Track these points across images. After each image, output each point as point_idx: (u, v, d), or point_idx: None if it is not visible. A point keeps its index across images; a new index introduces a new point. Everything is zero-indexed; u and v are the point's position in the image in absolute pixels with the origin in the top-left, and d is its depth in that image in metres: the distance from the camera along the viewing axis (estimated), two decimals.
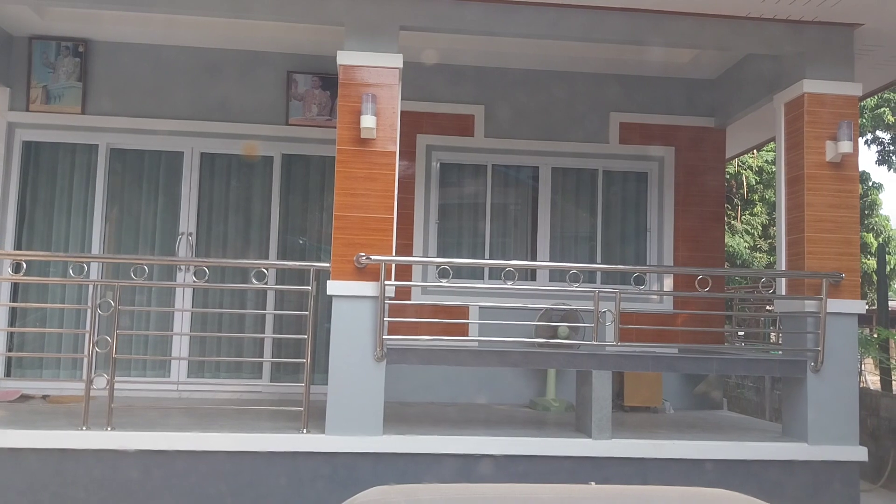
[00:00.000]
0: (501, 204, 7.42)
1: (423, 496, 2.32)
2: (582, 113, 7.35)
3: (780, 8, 5.22)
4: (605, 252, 7.41)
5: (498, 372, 6.83)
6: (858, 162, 5.50)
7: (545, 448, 5.00)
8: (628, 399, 6.83)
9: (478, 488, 2.61)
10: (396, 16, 5.09)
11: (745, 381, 10.03)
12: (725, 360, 5.68)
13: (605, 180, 7.45)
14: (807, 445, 5.19)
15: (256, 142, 6.95)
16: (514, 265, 5.14)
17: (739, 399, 10.13)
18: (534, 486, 2.53)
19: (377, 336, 4.82)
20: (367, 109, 4.85)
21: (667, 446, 5.12)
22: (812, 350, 5.21)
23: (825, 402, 5.20)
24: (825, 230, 5.30)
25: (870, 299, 20.98)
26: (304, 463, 4.79)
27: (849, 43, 5.46)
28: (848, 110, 5.38)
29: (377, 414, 4.86)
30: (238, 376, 6.89)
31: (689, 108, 7.42)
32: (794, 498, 5.15)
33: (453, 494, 2.40)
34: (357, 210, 4.95)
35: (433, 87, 7.07)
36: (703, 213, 7.42)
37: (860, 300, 5.34)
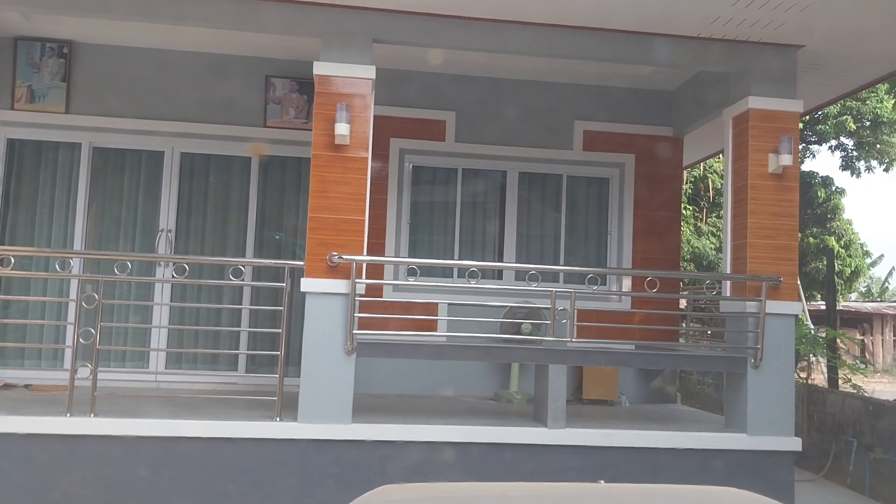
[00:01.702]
0: (471, 206, 7.76)
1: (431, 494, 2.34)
2: (548, 121, 7.71)
3: (727, 29, 5.62)
4: (568, 253, 7.79)
5: (464, 366, 7.18)
6: (798, 173, 5.91)
7: (503, 436, 5.36)
8: (586, 392, 7.23)
9: (486, 487, 2.64)
10: (370, 29, 5.41)
11: (706, 378, 10.49)
12: (673, 356, 6.10)
13: (569, 185, 7.83)
14: (746, 436, 5.60)
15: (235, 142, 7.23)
16: (478, 266, 5.48)
17: (700, 395, 10.59)
18: (543, 485, 2.60)
19: (348, 331, 5.15)
20: (341, 117, 5.17)
21: (617, 436, 5.51)
22: (752, 348, 5.62)
23: (763, 396, 5.61)
24: (766, 237, 5.71)
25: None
26: (277, 449, 5.11)
27: (792, 63, 5.87)
28: (789, 125, 5.79)
29: (347, 403, 5.18)
30: (215, 368, 7.17)
31: (648, 117, 7.81)
32: (734, 484, 5.54)
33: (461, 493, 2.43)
34: (330, 212, 5.26)
35: (407, 93, 7.39)
36: (661, 218, 7.82)
37: (797, 302, 5.75)
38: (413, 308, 6.46)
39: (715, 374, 9.78)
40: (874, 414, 7.57)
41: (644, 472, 5.43)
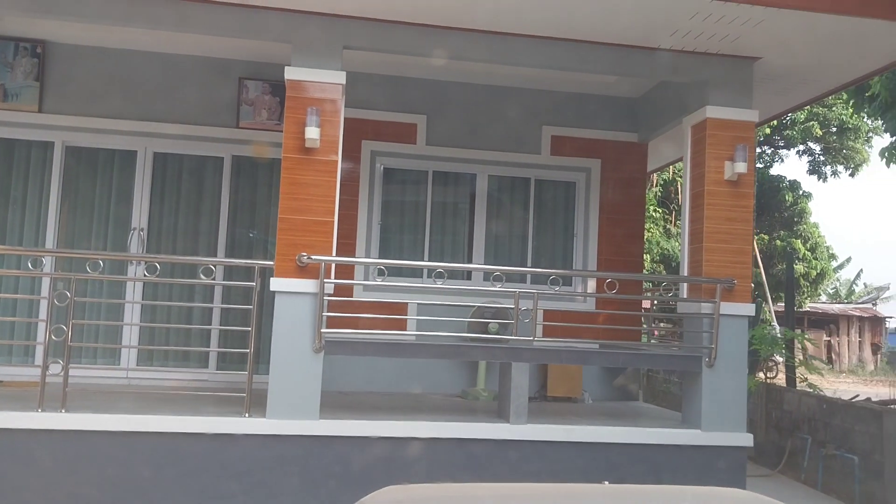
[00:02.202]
0: (441, 207, 7.92)
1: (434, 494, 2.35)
2: (517, 125, 7.90)
3: (686, 41, 5.84)
4: (535, 254, 7.99)
5: (433, 364, 7.34)
6: (753, 180, 6.16)
7: (467, 431, 5.54)
8: (551, 390, 7.44)
9: (489, 487, 2.67)
10: (340, 37, 5.56)
11: (672, 377, 10.76)
12: (632, 355, 6.32)
13: (536, 188, 8.03)
14: (700, 432, 5.83)
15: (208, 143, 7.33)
16: (443, 267, 5.65)
17: (666, 393, 10.85)
18: (546, 485, 2.60)
19: (316, 329, 5.29)
20: (312, 122, 5.31)
21: (577, 431, 5.72)
22: (707, 347, 5.85)
23: (717, 393, 5.84)
24: (721, 241, 5.95)
25: (798, 302, 22.23)
26: (246, 444, 5.24)
27: (748, 74, 6.12)
28: (745, 134, 6.03)
29: (315, 400, 5.33)
30: (185, 365, 7.26)
31: (614, 123, 8.03)
32: (689, 478, 5.78)
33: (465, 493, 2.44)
34: (300, 213, 5.40)
35: (379, 96, 7.53)
36: (625, 221, 8.05)
37: (750, 304, 5.99)
38: (382, 307, 6.62)
39: (680, 372, 10.06)
40: (828, 412, 7.87)
41: (602, 466, 5.64)
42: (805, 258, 19.78)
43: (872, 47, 5.87)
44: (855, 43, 5.75)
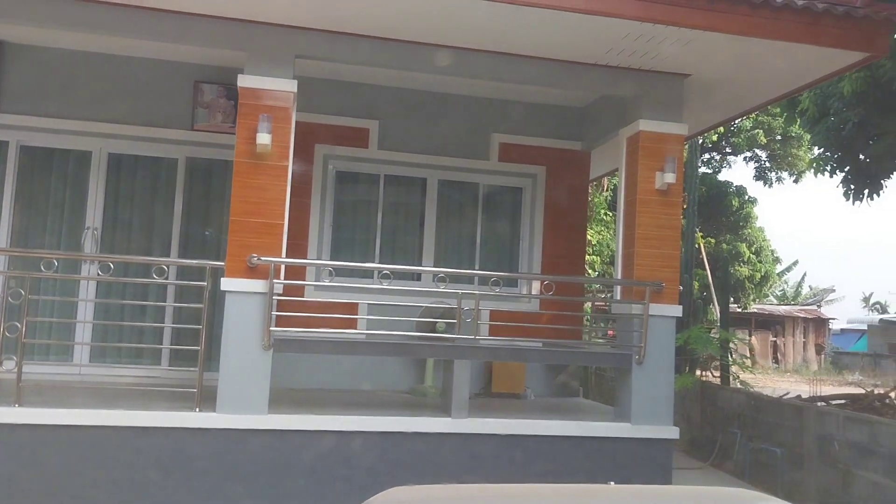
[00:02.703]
0: (392, 210, 8.19)
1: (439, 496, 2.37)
2: (467, 132, 8.20)
3: (621, 59, 6.22)
4: (483, 256, 8.30)
5: (382, 362, 7.61)
6: (681, 190, 6.56)
7: (410, 426, 5.83)
8: (495, 386, 7.76)
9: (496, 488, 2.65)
10: (292, 46, 5.80)
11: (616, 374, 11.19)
12: (568, 353, 6.68)
13: (485, 193, 8.35)
14: (630, 425, 6.21)
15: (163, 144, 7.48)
16: (390, 269, 5.94)
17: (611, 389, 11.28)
18: (553, 486, 2.61)
19: (265, 328, 5.53)
20: (263, 128, 5.54)
21: (514, 424, 6.05)
22: (637, 346, 6.24)
23: (646, 389, 6.23)
24: (651, 246, 6.33)
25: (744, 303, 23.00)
26: (196, 438, 5.45)
27: (679, 90, 6.51)
28: (675, 146, 6.43)
29: (263, 395, 5.56)
30: (138, 362, 7.40)
31: (559, 132, 8.39)
32: (619, 467, 6.16)
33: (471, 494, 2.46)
34: (251, 216, 5.63)
35: (332, 101, 7.75)
36: (569, 225, 8.42)
37: (678, 305, 6.38)
38: (333, 307, 6.84)
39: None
40: (756, 408, 8.35)
41: (538, 457, 5.98)
42: (750, 261, 20.52)
43: (798, 66, 6.31)
44: (781, 62, 6.17)
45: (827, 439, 6.95)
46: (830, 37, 5.68)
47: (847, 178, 9.15)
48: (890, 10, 5.76)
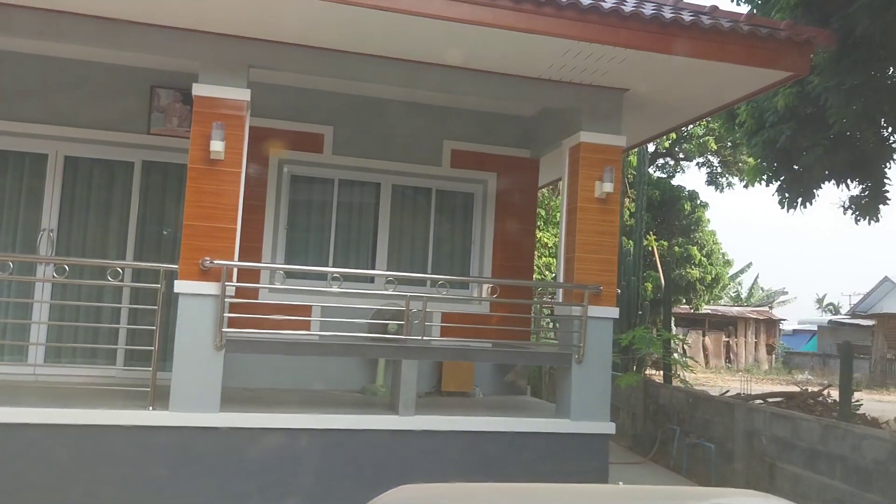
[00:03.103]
0: (346, 214, 8.40)
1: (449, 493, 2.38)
2: (419, 139, 8.46)
3: (563, 73, 6.54)
4: (435, 259, 8.57)
5: (335, 362, 7.83)
6: (619, 198, 6.91)
7: (358, 423, 6.07)
8: (445, 385, 8.04)
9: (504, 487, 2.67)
10: (245, 56, 6.00)
11: None
12: (512, 352, 6.98)
13: (437, 198, 8.62)
14: (570, 421, 6.53)
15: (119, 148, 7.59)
16: (339, 272, 6.19)
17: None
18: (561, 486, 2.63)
19: (217, 329, 5.72)
20: (217, 135, 5.73)
21: (459, 421, 6.33)
22: (576, 346, 6.56)
23: (584, 386, 6.56)
24: (591, 251, 6.67)
25: (696, 304, 23.64)
26: (149, 435, 5.62)
27: (618, 103, 6.86)
28: (613, 157, 6.77)
29: (215, 394, 5.75)
30: (93, 362, 7.50)
31: (509, 140, 8.70)
32: (559, 461, 6.48)
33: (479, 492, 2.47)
34: (204, 220, 5.81)
35: (288, 106, 7.94)
36: (518, 230, 8.73)
37: (615, 307, 6.72)
38: (287, 309, 7.04)
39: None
40: (693, 405, 8.77)
41: (482, 452, 6.27)
42: (701, 264, 21.12)
43: (727, 83, 6.70)
44: (711, 79, 6.54)
45: (755, 434, 7.37)
46: (756, 57, 6.07)
47: (782, 187, 9.61)
48: (810, 33, 6.18)
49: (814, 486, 6.44)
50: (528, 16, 5.46)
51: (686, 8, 6.32)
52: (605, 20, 5.62)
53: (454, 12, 5.34)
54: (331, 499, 5.93)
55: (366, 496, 6.22)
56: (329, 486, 5.96)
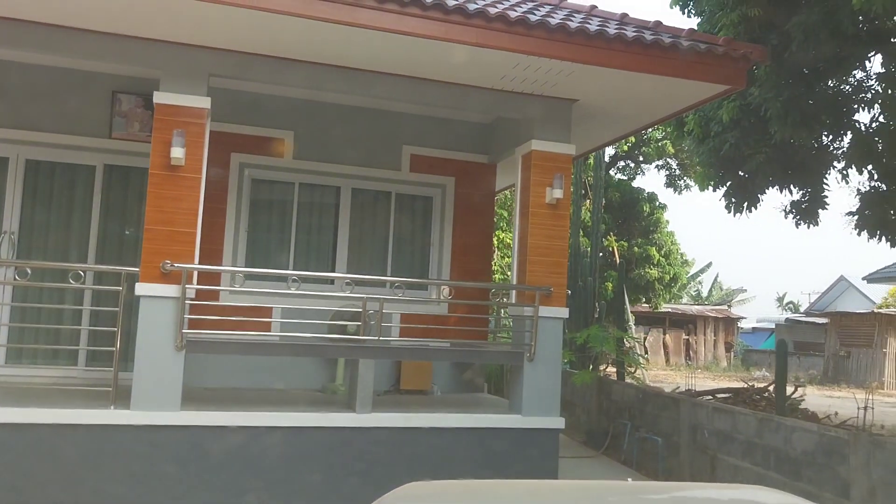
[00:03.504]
0: (307, 217, 8.59)
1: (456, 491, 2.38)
2: (379, 144, 8.69)
3: (514, 84, 6.82)
4: (395, 262, 8.80)
5: (296, 362, 8.01)
6: (569, 204, 7.21)
7: (316, 421, 6.29)
8: (404, 384, 8.28)
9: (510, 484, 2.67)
10: (206, 66, 6.17)
11: None
12: (467, 351, 7.25)
13: (397, 202, 8.85)
14: (521, 416, 6.81)
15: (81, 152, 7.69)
16: (297, 274, 6.39)
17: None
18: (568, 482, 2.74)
19: (178, 330, 5.89)
20: (177, 142, 5.90)
21: (414, 418, 6.58)
22: (528, 344, 6.85)
23: (535, 383, 6.84)
24: (542, 254, 6.96)
25: (654, 304, 24.18)
26: (112, 433, 5.77)
27: (567, 113, 7.16)
28: (563, 165, 7.07)
29: (176, 393, 5.92)
30: (55, 363, 7.60)
31: (467, 145, 8.97)
32: (511, 455, 6.76)
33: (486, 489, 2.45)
34: (165, 224, 5.98)
35: (249, 111, 8.09)
36: (476, 233, 9.01)
37: (564, 308, 7.02)
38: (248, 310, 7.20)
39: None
40: (643, 400, 9.13)
41: (437, 447, 6.52)
42: (659, 264, 21.65)
43: (670, 95, 7.05)
44: (655, 91, 6.88)
45: (698, 428, 7.74)
46: (695, 71, 6.42)
47: (729, 193, 10.04)
48: (745, 49, 6.55)
49: (750, 476, 6.81)
50: (478, 31, 5.72)
51: (631, 23, 6.67)
52: (552, 36, 5.91)
53: (407, 27, 5.58)
54: (290, 492, 6.14)
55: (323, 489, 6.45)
56: (288, 481, 6.17)
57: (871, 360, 25.82)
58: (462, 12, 5.68)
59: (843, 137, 9.80)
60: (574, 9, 6.82)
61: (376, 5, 5.45)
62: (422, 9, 5.57)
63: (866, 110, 9.53)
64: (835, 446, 5.87)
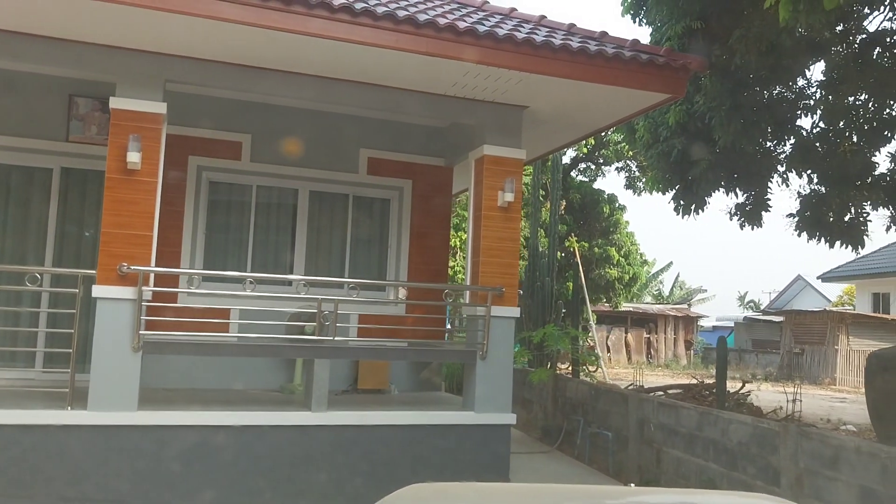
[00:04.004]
0: (265, 219, 8.71)
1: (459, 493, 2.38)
2: (336, 146, 8.84)
3: (466, 91, 7.04)
4: (352, 264, 8.96)
5: (254, 362, 8.14)
6: (520, 207, 7.45)
7: (272, 419, 6.43)
8: (361, 383, 8.45)
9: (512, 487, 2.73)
10: (162, 72, 6.28)
11: None
12: (423, 351, 7.45)
13: (354, 204, 9.02)
14: (474, 413, 7.03)
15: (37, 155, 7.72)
16: (253, 276, 6.53)
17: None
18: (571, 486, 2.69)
19: (135, 331, 5.99)
20: (133, 147, 6.00)
21: (370, 416, 6.75)
22: (481, 343, 7.07)
23: (488, 381, 7.07)
24: (494, 256, 7.19)
25: (615, 303, 24.64)
26: (69, 434, 5.86)
27: (518, 120, 7.40)
28: (514, 169, 7.31)
29: (133, 393, 6.02)
30: (12, 365, 7.62)
31: (424, 148, 9.16)
32: (464, 450, 6.98)
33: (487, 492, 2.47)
34: (122, 228, 6.07)
35: (206, 115, 8.18)
36: (433, 234, 9.21)
37: (516, 307, 7.26)
38: (207, 312, 7.32)
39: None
40: (595, 397, 9.42)
41: (391, 444, 6.70)
42: (619, 264, 22.11)
43: (615, 102, 7.33)
44: (603, 97, 7.13)
45: (645, 423, 8.04)
46: (637, 80, 6.71)
47: (677, 195, 10.40)
48: (685, 59, 6.85)
49: (692, 468, 7.12)
50: (428, 41, 5.93)
51: (578, 33, 6.94)
52: (500, 46, 6.14)
53: (359, 36, 5.77)
54: (245, 492, 6.27)
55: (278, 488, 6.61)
56: (244, 480, 6.30)
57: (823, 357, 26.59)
58: (412, 22, 5.88)
59: (785, 142, 10.24)
60: (524, 18, 7.07)
61: (328, 16, 5.62)
62: (373, 19, 5.76)
63: (808, 116, 9.98)
64: (767, 437, 6.18)
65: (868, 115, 9.28)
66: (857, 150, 9.24)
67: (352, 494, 6.48)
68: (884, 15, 8.73)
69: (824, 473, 5.53)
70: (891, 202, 9.52)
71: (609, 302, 24.01)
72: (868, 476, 5.13)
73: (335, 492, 6.53)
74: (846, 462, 5.34)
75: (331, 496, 6.50)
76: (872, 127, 9.22)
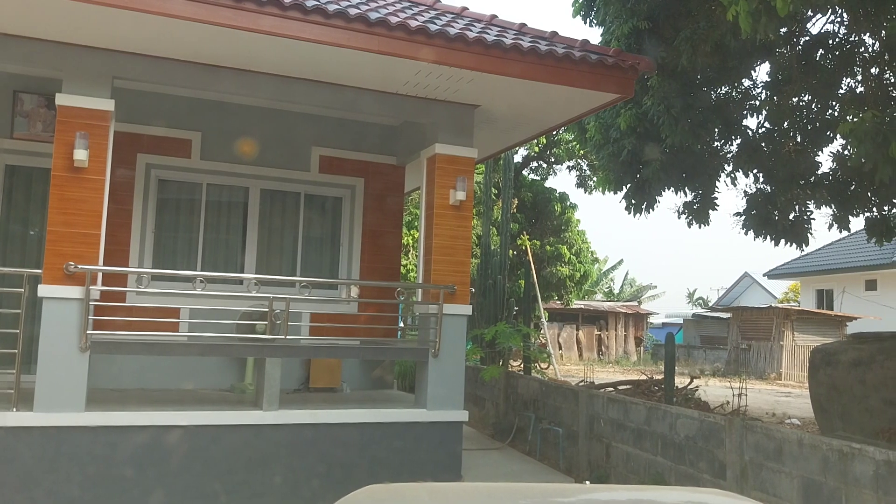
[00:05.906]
0: (215, 217, 8.62)
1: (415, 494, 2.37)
2: (288, 145, 8.79)
3: (418, 90, 7.10)
4: (304, 262, 8.94)
5: (205, 362, 8.05)
6: (472, 205, 7.54)
7: (223, 419, 6.39)
8: (313, 382, 8.43)
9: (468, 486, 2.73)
10: (110, 68, 6.18)
11: None
12: (375, 349, 7.48)
13: (306, 202, 8.99)
14: (426, 410, 7.09)
15: None
16: (203, 275, 6.47)
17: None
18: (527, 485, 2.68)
19: (82, 331, 5.89)
20: (80, 144, 5.90)
21: (321, 414, 6.76)
22: (433, 341, 7.14)
23: (440, 378, 7.13)
24: (446, 254, 7.26)
25: (566, 300, 24.98)
26: (18, 437, 5.73)
27: (469, 118, 7.49)
28: (466, 168, 7.39)
29: (80, 394, 5.92)
30: None
31: (377, 147, 9.18)
32: (416, 447, 7.04)
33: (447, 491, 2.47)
34: (68, 226, 5.96)
35: (155, 112, 8.05)
36: (385, 233, 9.25)
37: (468, 305, 7.35)
38: (156, 311, 7.22)
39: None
40: (546, 393, 9.57)
41: (343, 442, 6.72)
42: (570, 262, 22.44)
43: (564, 102, 7.48)
44: (553, 96, 7.25)
45: (595, 418, 8.22)
46: (587, 80, 6.85)
47: (628, 195, 10.63)
48: (634, 60, 7.02)
49: (641, 462, 7.31)
50: (380, 39, 5.97)
51: (529, 33, 7.06)
52: (452, 45, 6.21)
53: (311, 34, 5.78)
54: (200, 495, 6.22)
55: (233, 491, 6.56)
56: (199, 483, 6.24)
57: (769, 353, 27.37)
58: (364, 20, 5.91)
59: (732, 142, 10.55)
60: (475, 18, 7.16)
61: (279, 13, 5.62)
62: (324, 17, 5.78)
63: (754, 116, 10.30)
64: (713, 432, 6.39)
65: (812, 116, 9.62)
66: (801, 150, 9.58)
67: (308, 497, 6.48)
68: (826, 17, 9.07)
69: (768, 466, 5.73)
70: (833, 201, 9.89)
71: (560, 299, 24.35)
72: (810, 467, 5.34)
73: (291, 494, 6.52)
74: (789, 454, 5.54)
75: (287, 498, 6.49)
76: (816, 127, 9.56)
